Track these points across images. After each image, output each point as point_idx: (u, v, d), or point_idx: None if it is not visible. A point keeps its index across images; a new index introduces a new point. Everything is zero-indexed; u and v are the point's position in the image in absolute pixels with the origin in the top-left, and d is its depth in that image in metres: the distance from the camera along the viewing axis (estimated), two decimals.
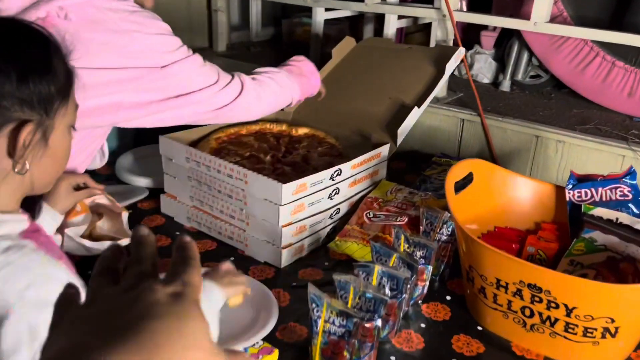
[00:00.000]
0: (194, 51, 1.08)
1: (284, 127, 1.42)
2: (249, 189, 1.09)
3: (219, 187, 1.15)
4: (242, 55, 2.27)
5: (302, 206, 1.10)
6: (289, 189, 1.05)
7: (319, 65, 1.69)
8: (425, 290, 1.01)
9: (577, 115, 1.56)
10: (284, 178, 1.17)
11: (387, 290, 0.85)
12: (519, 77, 1.81)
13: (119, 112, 0.99)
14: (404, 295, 0.89)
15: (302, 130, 1.41)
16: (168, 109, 1.02)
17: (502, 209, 1.12)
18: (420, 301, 1.02)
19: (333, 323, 0.79)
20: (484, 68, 1.90)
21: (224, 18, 2.24)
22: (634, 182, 1.00)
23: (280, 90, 1.22)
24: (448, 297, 1.04)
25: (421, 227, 1.10)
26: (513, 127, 1.50)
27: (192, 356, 0.31)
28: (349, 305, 0.83)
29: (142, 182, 1.37)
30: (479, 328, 0.96)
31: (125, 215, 0.99)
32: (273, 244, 1.10)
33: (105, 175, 1.41)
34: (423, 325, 0.97)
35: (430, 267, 0.99)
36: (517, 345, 0.92)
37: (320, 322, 0.79)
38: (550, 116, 1.56)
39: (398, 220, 1.15)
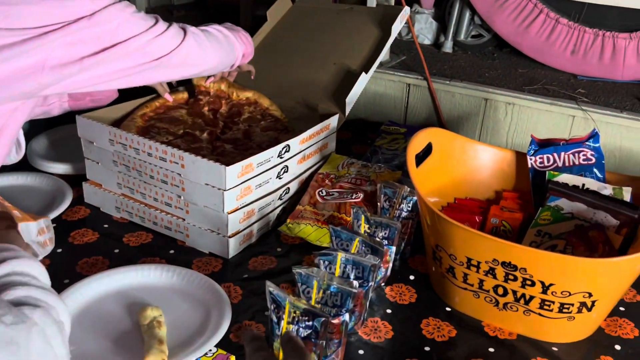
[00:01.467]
0: None
1: (223, 85, 1.25)
2: (186, 173, 0.96)
3: (152, 172, 1.01)
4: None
5: (249, 189, 0.99)
6: (234, 171, 0.93)
7: (253, 30, 1.56)
8: (389, 273, 0.94)
9: (524, 75, 1.53)
10: (226, 158, 1.05)
11: (354, 281, 0.76)
12: (461, 37, 1.75)
13: (43, 73, 0.80)
14: (370, 283, 0.81)
15: (244, 94, 1.26)
16: (104, 62, 0.84)
17: (461, 178, 1.06)
18: (383, 284, 0.95)
19: (297, 324, 0.70)
20: (424, 28, 1.83)
21: None
22: (597, 145, 0.97)
23: (225, 39, 1.05)
24: (412, 277, 0.98)
25: (379, 204, 1.02)
26: (461, 91, 1.44)
27: None
28: (313, 301, 0.74)
29: (60, 168, 1.20)
30: (448, 309, 0.90)
31: (31, 225, 0.78)
32: (218, 232, 0.98)
33: (14, 163, 1.22)
34: (389, 311, 0.89)
35: (394, 248, 0.92)
36: (488, 324, 0.87)
37: (283, 324, 0.70)
38: (497, 77, 1.51)
39: (353, 197, 1.07)
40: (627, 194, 0.90)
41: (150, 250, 1.01)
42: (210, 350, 0.76)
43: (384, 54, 1.37)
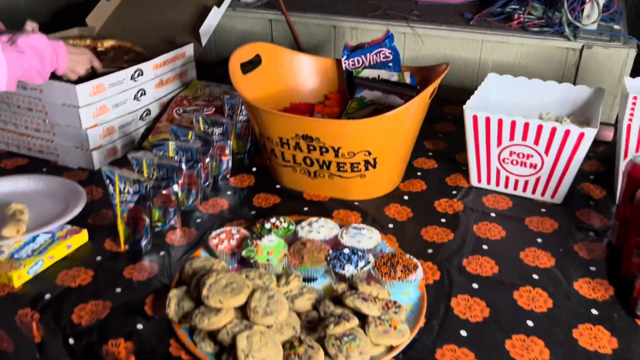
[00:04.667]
0: None
1: (88, 42, 1.41)
2: (45, 98, 1.11)
3: (17, 102, 1.15)
4: None
5: (105, 108, 1.14)
6: (85, 90, 1.08)
7: None
8: (230, 165, 1.13)
9: (372, 5, 1.72)
10: None
11: (183, 164, 0.94)
12: None
13: None
14: (199, 165, 0.99)
15: (108, 43, 1.42)
16: None
17: (294, 87, 1.24)
18: (228, 175, 1.13)
19: (128, 192, 0.87)
20: None
21: None
22: (393, 45, 1.17)
23: None
24: (254, 169, 1.17)
25: (225, 113, 1.19)
26: (314, 21, 1.62)
27: None
28: (145, 174, 0.92)
29: None
30: (278, 186, 1.10)
31: None
32: (82, 148, 1.13)
33: None
34: (229, 192, 1.08)
35: (230, 142, 1.10)
36: (308, 193, 1.07)
37: (117, 195, 0.87)
38: (349, 9, 1.69)
39: (205, 111, 1.24)
40: (407, 77, 1.11)
41: (25, 171, 1.15)
42: (65, 227, 0.92)
43: None
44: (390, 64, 1.16)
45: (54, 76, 1.05)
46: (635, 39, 1.33)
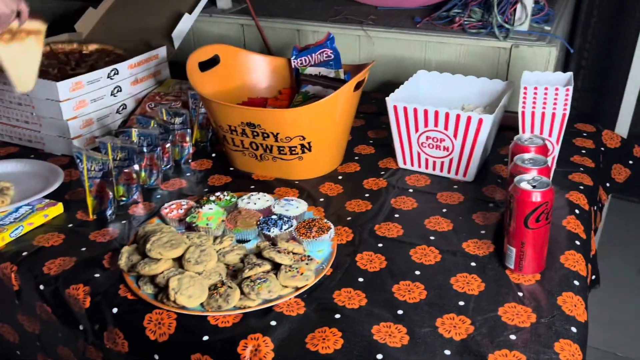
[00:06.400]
0: None
1: (74, 45, 1.58)
2: (32, 93, 1.28)
3: (9, 98, 1.33)
4: None
5: (84, 102, 1.31)
6: (65, 86, 1.26)
7: None
8: (191, 150, 1.29)
9: (336, 10, 1.89)
10: None
11: (145, 148, 1.12)
12: None
13: None
14: (158, 148, 1.16)
15: (92, 47, 1.59)
16: None
17: (251, 83, 1.41)
18: (189, 160, 1.30)
19: (94, 169, 1.04)
20: None
21: None
22: (334, 46, 1.33)
23: None
24: (213, 155, 1.33)
25: (190, 106, 1.36)
26: (280, 25, 1.79)
27: None
28: (110, 156, 1.09)
29: None
30: (231, 169, 1.27)
31: None
32: (64, 137, 1.31)
33: None
34: (189, 174, 1.25)
35: (190, 131, 1.27)
36: (256, 174, 1.24)
37: (85, 172, 1.04)
38: (314, 14, 1.87)
39: (173, 105, 1.41)
40: (342, 73, 1.27)
41: (17, 158, 1.33)
42: (43, 200, 1.10)
43: None
44: (332, 63, 1.33)
45: None
46: (559, 38, 1.48)
